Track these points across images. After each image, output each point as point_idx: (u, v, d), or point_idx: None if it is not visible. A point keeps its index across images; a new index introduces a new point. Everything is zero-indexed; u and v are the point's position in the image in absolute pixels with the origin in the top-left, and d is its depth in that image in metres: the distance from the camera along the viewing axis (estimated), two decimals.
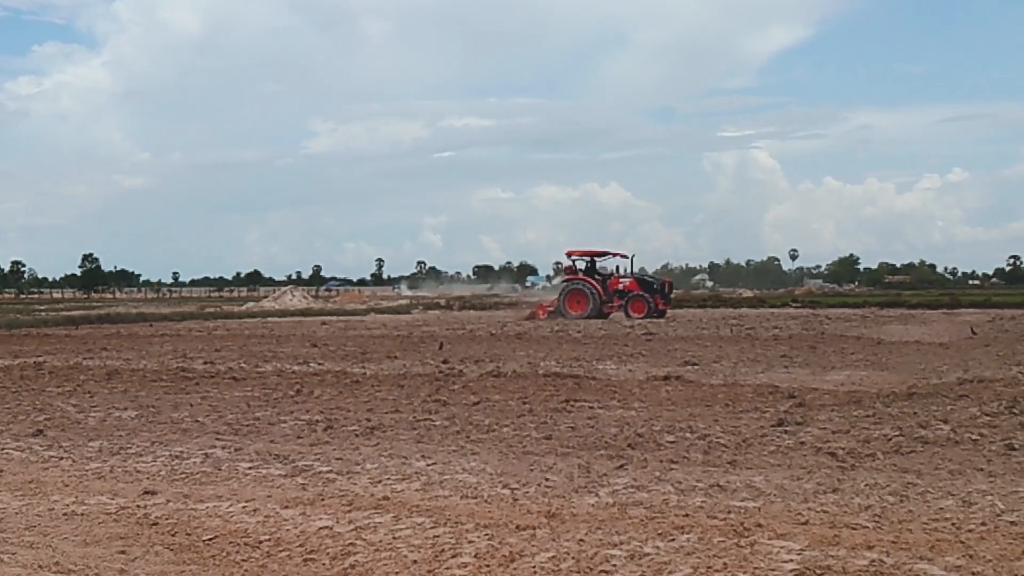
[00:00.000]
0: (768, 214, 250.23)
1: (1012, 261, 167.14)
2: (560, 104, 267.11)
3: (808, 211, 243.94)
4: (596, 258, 44.91)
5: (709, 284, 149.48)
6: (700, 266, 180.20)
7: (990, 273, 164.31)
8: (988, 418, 11.10)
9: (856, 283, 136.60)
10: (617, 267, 45.01)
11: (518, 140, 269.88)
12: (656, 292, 43.12)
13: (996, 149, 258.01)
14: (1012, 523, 6.78)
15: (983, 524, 6.76)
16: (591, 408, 12.62)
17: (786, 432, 10.51)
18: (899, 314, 45.11)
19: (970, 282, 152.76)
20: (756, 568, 5.84)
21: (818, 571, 5.74)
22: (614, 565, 5.99)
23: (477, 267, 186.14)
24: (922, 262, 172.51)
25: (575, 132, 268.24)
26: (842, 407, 12.30)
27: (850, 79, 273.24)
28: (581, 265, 44.51)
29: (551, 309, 43.30)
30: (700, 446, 9.86)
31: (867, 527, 6.75)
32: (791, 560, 5.96)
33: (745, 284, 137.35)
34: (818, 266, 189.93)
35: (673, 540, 6.48)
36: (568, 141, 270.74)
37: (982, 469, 8.58)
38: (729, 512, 7.20)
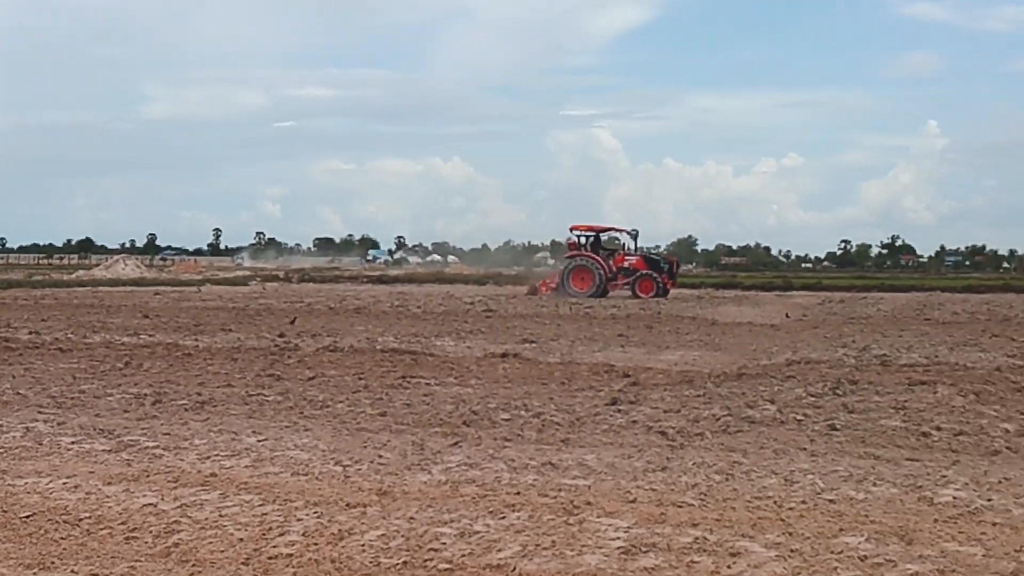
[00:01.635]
0: (609, 193, 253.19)
1: (843, 245, 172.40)
2: (404, 77, 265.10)
3: (648, 192, 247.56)
4: (600, 234, 43.32)
5: (551, 262, 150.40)
6: (542, 243, 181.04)
7: (822, 256, 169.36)
8: (813, 399, 11.42)
9: (694, 264, 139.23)
10: (624, 244, 43.80)
11: (361, 112, 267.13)
12: (663, 271, 41.86)
13: (830, 136, 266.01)
14: (831, 501, 6.99)
15: (803, 502, 6.95)
16: (428, 385, 12.60)
17: (619, 411, 10.66)
18: (734, 295, 46.07)
19: (803, 265, 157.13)
20: (584, 546, 5.90)
21: (643, 549, 5.83)
22: (443, 543, 5.98)
23: (318, 239, 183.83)
24: (757, 244, 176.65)
25: (419, 105, 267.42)
26: (674, 386, 12.52)
27: (691, 62, 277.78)
28: (584, 241, 42.60)
29: (553, 286, 41.33)
30: (534, 424, 9.93)
31: (693, 505, 6.88)
32: (618, 538, 6.03)
33: None
34: (657, 246, 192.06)
35: (503, 518, 6.50)
36: (411, 114, 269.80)
37: (805, 449, 8.82)
38: (560, 490, 7.26)
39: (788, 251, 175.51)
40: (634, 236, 43.57)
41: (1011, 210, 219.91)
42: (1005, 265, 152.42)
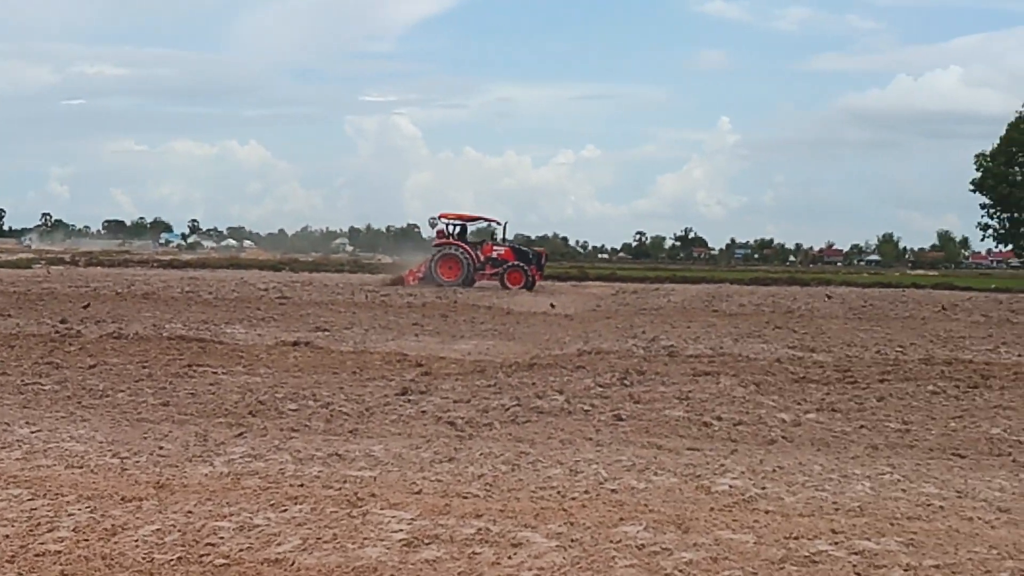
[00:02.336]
0: (409, 181, 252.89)
1: (638, 237, 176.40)
2: (200, 57, 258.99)
3: (448, 180, 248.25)
4: (468, 223, 42.48)
5: (349, 248, 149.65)
6: (340, 230, 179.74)
7: (618, 248, 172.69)
8: (601, 389, 11.60)
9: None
10: (493, 233, 43.44)
11: (154, 92, 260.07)
12: (532, 263, 41.39)
13: (627, 129, 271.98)
14: (613, 491, 7.10)
15: (586, 492, 7.04)
16: (214, 374, 12.31)
17: (409, 401, 10.62)
18: None
19: (600, 256, 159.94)
20: (365, 538, 5.84)
21: (426, 540, 5.80)
22: (221, 537, 5.84)
23: (108, 222, 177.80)
24: (556, 235, 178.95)
25: (215, 87, 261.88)
26: (466, 376, 12.55)
27: (492, 51, 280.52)
28: (451, 229, 41.40)
29: (420, 275, 40.20)
30: (322, 414, 9.81)
31: (478, 496, 6.89)
32: (401, 530, 6.00)
33: (385, 250, 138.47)
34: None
35: (285, 511, 6.39)
36: (207, 96, 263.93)
37: (591, 439, 8.96)
38: (345, 482, 7.19)
39: (586, 242, 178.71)
40: (503, 227, 43.61)
41: (797, 205, 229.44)
42: (791, 258, 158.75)
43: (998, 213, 63.57)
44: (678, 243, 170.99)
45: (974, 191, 63.70)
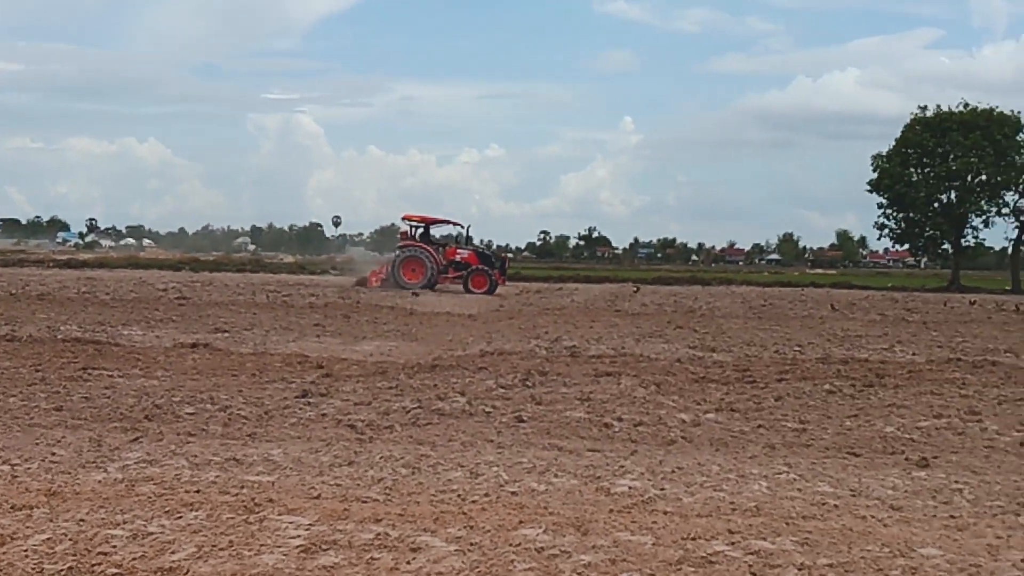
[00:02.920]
0: (312, 179, 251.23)
1: (542, 236, 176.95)
2: (98, 53, 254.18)
3: (351, 178, 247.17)
4: (432, 225, 42.26)
5: (251, 248, 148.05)
6: (242, 228, 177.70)
7: (522, 247, 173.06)
8: (503, 390, 11.62)
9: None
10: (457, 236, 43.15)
11: (51, 88, 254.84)
12: (495, 266, 41.30)
13: (531, 128, 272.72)
14: (513, 493, 7.10)
15: (487, 495, 7.03)
16: (110, 377, 12.07)
17: (309, 404, 10.52)
18: None
19: (505, 255, 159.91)
20: (262, 545, 5.76)
21: (324, 547, 5.74)
22: (114, 546, 5.71)
23: (3, 220, 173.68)
24: (460, 234, 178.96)
25: (114, 83, 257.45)
26: (367, 378, 12.47)
27: (396, 49, 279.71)
28: (414, 231, 41.55)
29: (383, 276, 40.01)
30: (220, 418, 9.67)
31: (377, 500, 6.84)
32: (298, 536, 5.92)
33: (288, 249, 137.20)
34: (360, 234, 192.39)
35: (180, 518, 6.27)
36: (106, 92, 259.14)
37: (492, 440, 8.96)
38: (243, 487, 7.08)
39: (490, 241, 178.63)
40: (466, 229, 43.47)
41: (700, 205, 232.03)
42: (694, 258, 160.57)
43: (894, 213, 64.68)
44: (582, 242, 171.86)
45: (871, 191, 64.76)
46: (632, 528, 6.24)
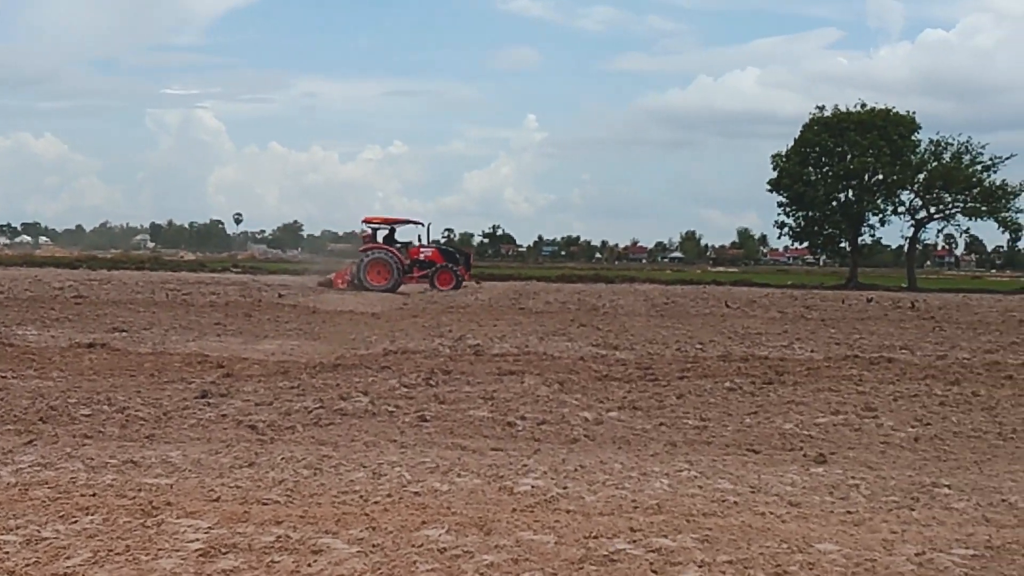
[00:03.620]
0: (212, 176, 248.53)
1: (446, 234, 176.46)
2: None
3: (253, 175, 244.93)
4: (395, 226, 41.56)
5: (151, 245, 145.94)
6: (141, 226, 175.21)
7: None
8: (406, 389, 11.57)
9: (300, 249, 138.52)
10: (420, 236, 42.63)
11: None
12: (460, 263, 41.15)
13: (435, 125, 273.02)
14: (416, 493, 7.07)
15: (389, 496, 6.99)
16: (3, 378, 11.77)
17: (209, 404, 10.38)
18: None
19: None
20: (160, 549, 5.66)
21: (223, 550, 5.66)
22: (6, 552, 5.57)
23: None
24: (363, 231, 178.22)
25: (7, 77, 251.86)
26: (269, 378, 12.34)
27: (298, 45, 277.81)
28: (376, 233, 41.07)
29: (348, 278, 39.26)
30: (118, 420, 9.49)
31: (278, 502, 6.77)
32: (197, 539, 5.83)
33: (188, 246, 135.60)
34: (262, 231, 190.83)
35: (76, 522, 6.14)
36: (0, 86, 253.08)
37: (395, 440, 8.91)
38: (140, 490, 6.96)
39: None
40: (427, 228, 43.10)
41: (603, 203, 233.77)
42: (597, 255, 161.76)
43: (794, 211, 65.71)
44: (486, 240, 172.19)
45: (771, 190, 65.73)
46: (535, 527, 6.26)
